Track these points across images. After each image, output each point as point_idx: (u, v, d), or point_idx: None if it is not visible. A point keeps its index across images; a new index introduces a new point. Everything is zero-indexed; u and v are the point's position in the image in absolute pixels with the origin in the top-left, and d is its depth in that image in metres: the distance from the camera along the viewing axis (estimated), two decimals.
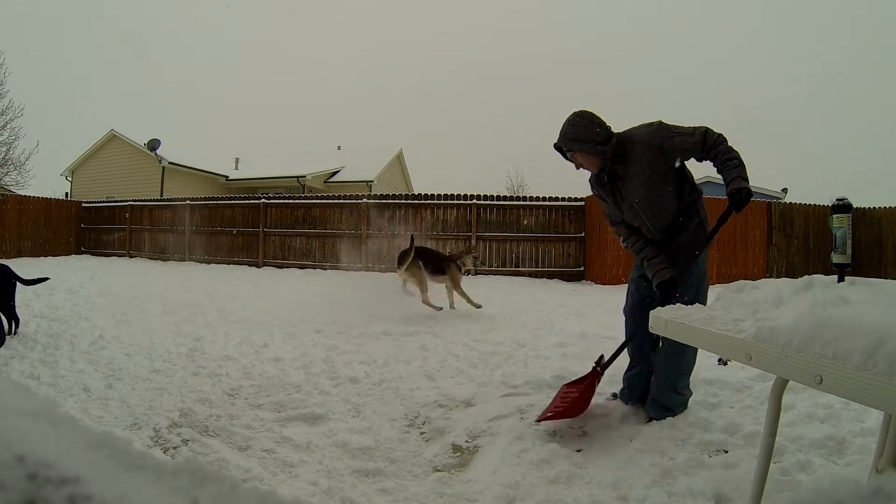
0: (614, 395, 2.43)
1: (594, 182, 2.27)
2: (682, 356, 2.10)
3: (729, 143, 1.97)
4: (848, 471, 1.65)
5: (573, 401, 2.13)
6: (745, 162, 1.95)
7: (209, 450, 1.91)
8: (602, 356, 2.34)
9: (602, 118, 2.13)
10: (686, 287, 2.07)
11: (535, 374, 2.91)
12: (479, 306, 4.83)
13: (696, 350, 2.09)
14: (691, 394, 2.18)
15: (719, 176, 2.03)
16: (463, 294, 4.89)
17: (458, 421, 2.25)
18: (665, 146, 2.01)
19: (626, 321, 2.38)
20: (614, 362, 2.28)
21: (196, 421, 2.19)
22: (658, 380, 2.14)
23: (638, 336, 2.28)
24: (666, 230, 2.14)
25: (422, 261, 4.80)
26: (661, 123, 2.07)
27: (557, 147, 2.16)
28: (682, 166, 2.11)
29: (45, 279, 4.10)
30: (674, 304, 1.98)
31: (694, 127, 2.04)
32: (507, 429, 2.16)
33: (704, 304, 1.98)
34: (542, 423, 2.13)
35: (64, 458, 0.22)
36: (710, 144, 1.97)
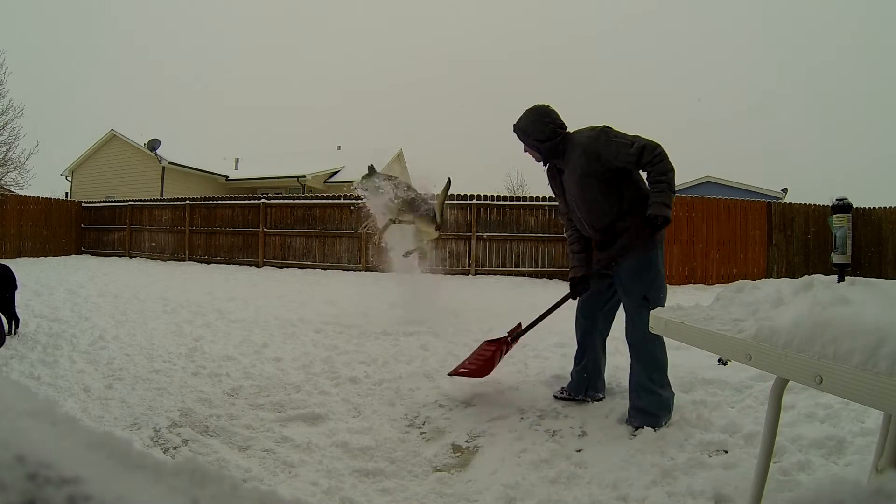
0: (562, 391, 2.45)
1: (547, 172, 2.41)
2: (650, 354, 2.10)
3: (665, 162, 2.02)
4: (848, 471, 1.65)
5: (482, 364, 2.39)
6: (673, 184, 2.03)
7: (209, 450, 1.91)
8: (519, 325, 2.59)
9: (555, 115, 2.26)
10: (638, 284, 2.11)
11: (535, 374, 2.91)
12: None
13: (663, 346, 2.11)
14: (672, 394, 2.14)
15: (719, 176, 2.04)
16: None
17: (458, 421, 2.25)
18: (601, 153, 2.09)
19: (576, 315, 2.46)
20: (528, 332, 2.55)
21: (196, 421, 2.19)
22: (632, 384, 2.13)
23: (586, 329, 2.40)
24: (603, 231, 2.22)
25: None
26: (603, 130, 2.14)
27: (513, 129, 2.33)
28: (625, 171, 2.14)
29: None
30: (576, 297, 2.34)
31: (634, 138, 2.08)
32: (507, 429, 2.16)
33: (661, 304, 2.02)
34: (455, 376, 2.47)
35: (64, 458, 0.22)
36: (644, 161, 2.04)
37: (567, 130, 2.27)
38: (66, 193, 16.75)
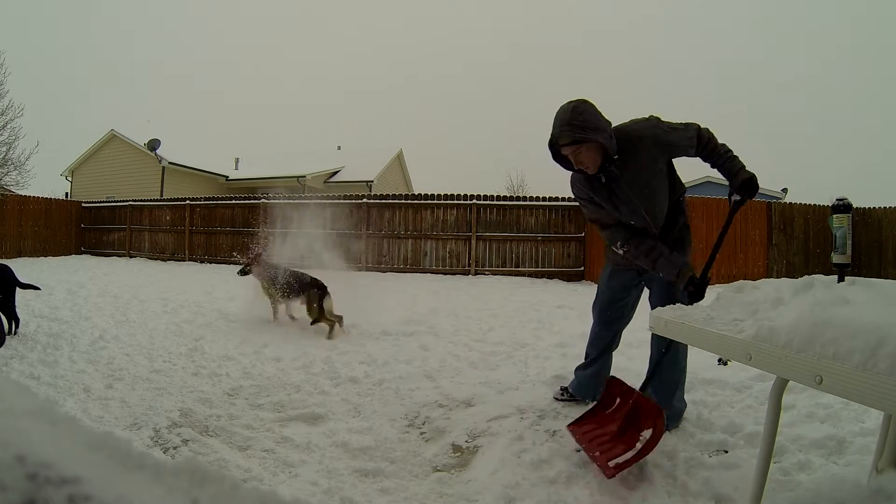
0: (563, 391, 2.41)
1: (582, 184, 2.02)
2: (676, 367, 2.06)
3: (717, 140, 1.98)
4: (848, 471, 1.65)
5: (645, 445, 1.67)
6: (734, 153, 1.96)
7: (209, 450, 1.91)
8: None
9: None
10: (675, 287, 2.01)
11: (535, 374, 2.91)
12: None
13: (685, 361, 2.09)
14: (685, 406, 2.11)
15: (720, 176, 2.00)
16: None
17: (458, 421, 2.25)
18: (667, 141, 1.92)
19: (594, 322, 2.37)
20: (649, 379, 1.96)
21: (196, 421, 2.19)
22: (657, 394, 2.04)
23: (609, 344, 2.33)
24: (662, 228, 2.07)
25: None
26: (657, 118, 1.97)
27: (553, 143, 1.90)
28: (671, 162, 2.08)
29: (36, 288, 3.98)
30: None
31: (685, 123, 1.98)
32: (507, 429, 2.16)
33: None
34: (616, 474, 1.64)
35: (64, 458, 0.22)
36: (704, 141, 1.95)
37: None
38: (66, 193, 16.75)
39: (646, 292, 2.28)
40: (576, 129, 1.78)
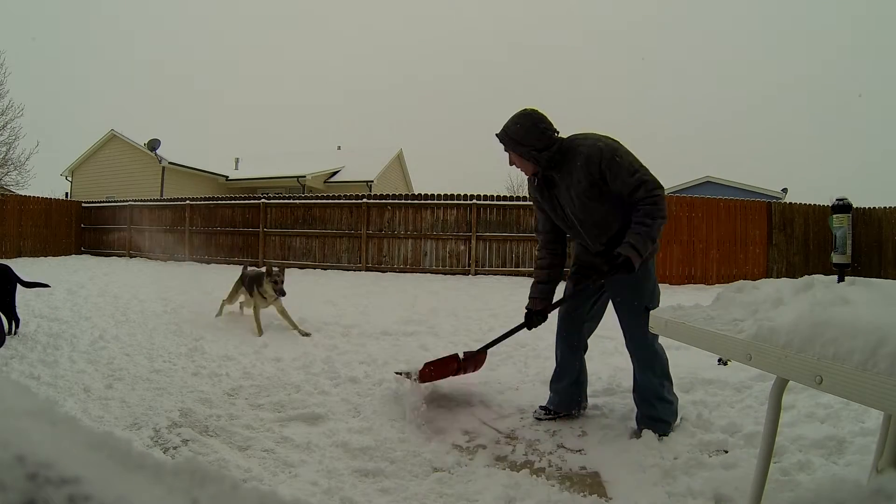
0: (544, 410, 2.27)
1: (531, 185, 2.17)
2: (660, 362, 2.04)
3: (657, 208, 1.86)
4: (848, 471, 1.65)
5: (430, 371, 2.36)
6: (654, 234, 1.85)
7: (209, 450, 1.91)
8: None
9: (549, 122, 2.03)
10: (641, 297, 2.00)
11: (535, 374, 2.91)
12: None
13: (664, 354, 2.06)
14: (677, 399, 2.08)
15: (719, 176, 1.99)
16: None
17: (457, 421, 2.25)
18: (602, 168, 1.91)
19: (560, 330, 2.27)
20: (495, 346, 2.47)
21: (196, 421, 2.19)
22: (642, 393, 2.04)
23: (572, 345, 2.24)
24: (608, 242, 2.03)
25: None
26: (609, 145, 1.94)
27: (499, 138, 2.07)
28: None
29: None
30: (530, 328, 2.24)
31: (639, 168, 1.91)
32: (507, 429, 2.16)
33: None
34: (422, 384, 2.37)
35: (64, 458, 0.22)
36: (638, 197, 1.87)
37: (561, 136, 2.05)
38: (66, 193, 16.75)
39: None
40: (505, 136, 2.04)
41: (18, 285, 3.63)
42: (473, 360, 2.48)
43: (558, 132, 2.05)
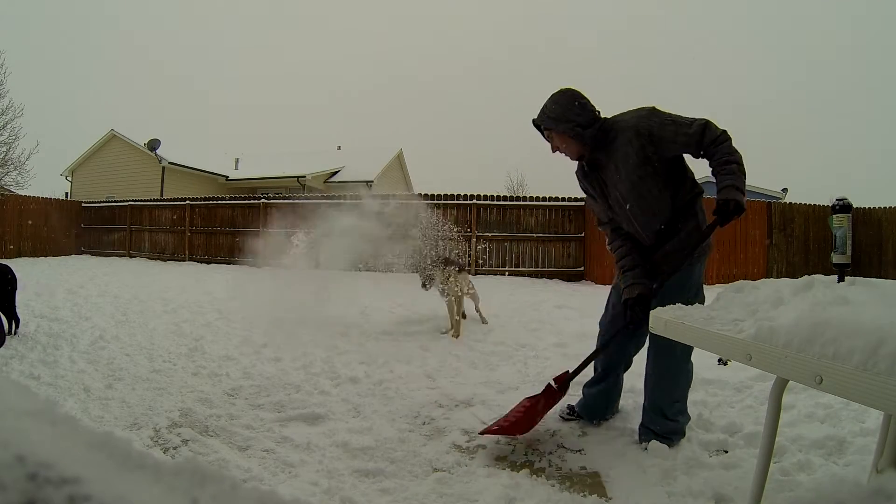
0: (570, 409, 2.21)
1: (579, 173, 2.03)
2: (674, 381, 1.91)
3: (731, 143, 1.71)
4: (848, 471, 1.65)
5: (518, 419, 1.97)
6: (744, 168, 1.69)
7: (209, 450, 1.91)
8: (567, 372, 2.10)
9: (588, 100, 1.88)
10: (678, 299, 1.79)
11: (535, 374, 2.91)
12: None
13: (689, 375, 1.95)
14: (688, 419, 1.97)
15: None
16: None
17: (458, 421, 2.24)
18: (655, 134, 1.75)
19: (599, 333, 2.17)
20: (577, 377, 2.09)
21: (196, 421, 2.19)
22: (648, 406, 1.95)
23: (615, 360, 2.11)
24: (658, 233, 1.89)
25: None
26: (653, 109, 1.81)
27: (536, 124, 1.94)
28: (680, 160, 1.88)
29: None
30: (638, 324, 1.82)
31: (693, 118, 1.76)
32: None
33: None
34: (485, 436, 1.99)
35: (64, 458, 0.22)
36: (708, 141, 1.70)
37: (604, 117, 1.90)
38: (66, 193, 16.74)
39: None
40: (545, 117, 1.88)
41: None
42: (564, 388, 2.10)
43: (600, 112, 1.91)
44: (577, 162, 2.02)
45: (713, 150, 1.71)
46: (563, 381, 2.06)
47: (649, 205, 1.84)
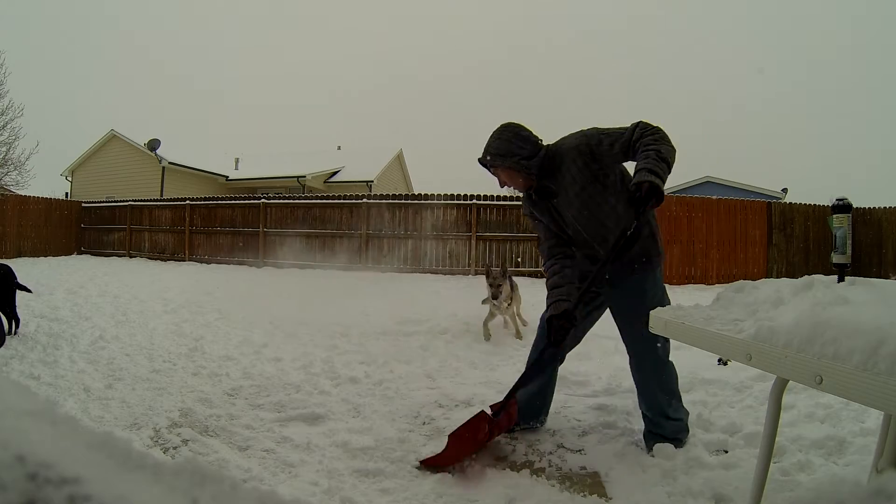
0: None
1: (526, 201, 2.06)
2: (665, 379, 1.92)
3: (660, 134, 1.67)
4: (848, 471, 1.65)
5: (458, 448, 1.82)
6: (665, 156, 1.60)
7: (209, 450, 1.91)
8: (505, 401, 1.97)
9: (530, 131, 1.94)
10: (649, 305, 1.75)
11: None
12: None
13: (675, 370, 1.95)
14: (687, 414, 1.97)
15: (719, 176, 1.93)
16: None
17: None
18: (595, 151, 1.80)
19: (537, 335, 2.14)
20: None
21: (196, 421, 2.19)
22: (647, 413, 1.94)
23: (552, 355, 2.01)
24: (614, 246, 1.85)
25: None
26: (593, 129, 1.85)
27: (481, 162, 1.97)
28: (625, 173, 1.91)
29: (28, 290, 3.99)
30: (559, 342, 1.81)
31: (625, 127, 1.77)
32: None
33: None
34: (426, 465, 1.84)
35: (64, 458, 0.22)
36: (636, 138, 1.69)
37: (546, 144, 1.97)
38: (66, 193, 16.74)
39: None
40: (490, 154, 1.91)
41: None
42: (506, 414, 1.98)
43: (542, 140, 1.96)
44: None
45: (638, 145, 1.69)
46: (499, 409, 1.95)
47: (602, 221, 1.87)
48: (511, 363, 3.18)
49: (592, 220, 1.88)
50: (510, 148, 1.88)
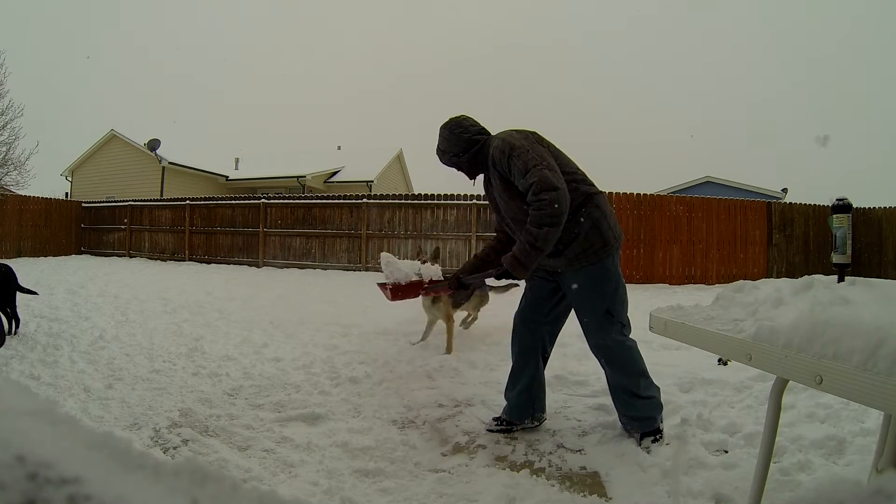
0: (496, 420, 2.15)
1: (483, 183, 2.18)
2: (631, 361, 1.94)
3: (544, 212, 1.73)
4: (848, 471, 1.65)
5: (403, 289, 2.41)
6: (534, 243, 1.75)
7: (209, 450, 1.91)
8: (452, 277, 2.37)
9: (469, 123, 2.05)
10: (598, 299, 1.91)
11: None
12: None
13: (636, 349, 1.95)
14: (658, 389, 1.98)
15: (719, 176, 1.95)
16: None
17: (458, 421, 2.25)
18: (502, 170, 1.90)
19: (516, 325, 2.16)
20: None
21: (196, 421, 2.19)
22: (615, 395, 1.97)
23: (529, 345, 2.11)
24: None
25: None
26: (507, 142, 1.87)
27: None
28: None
29: (35, 293, 4.06)
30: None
31: (534, 166, 1.78)
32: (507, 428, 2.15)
33: (625, 313, 1.94)
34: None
35: (64, 458, 0.22)
36: (529, 201, 1.79)
37: (488, 136, 2.05)
38: (66, 193, 16.74)
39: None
40: (437, 153, 2.14)
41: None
42: (441, 287, 2.54)
43: (485, 132, 2.07)
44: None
45: (530, 213, 1.80)
46: (436, 283, 2.51)
47: (522, 219, 1.88)
48: (511, 363, 3.17)
49: (515, 216, 1.95)
50: (446, 146, 2.08)
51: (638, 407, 1.93)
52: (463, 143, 2.03)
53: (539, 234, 1.75)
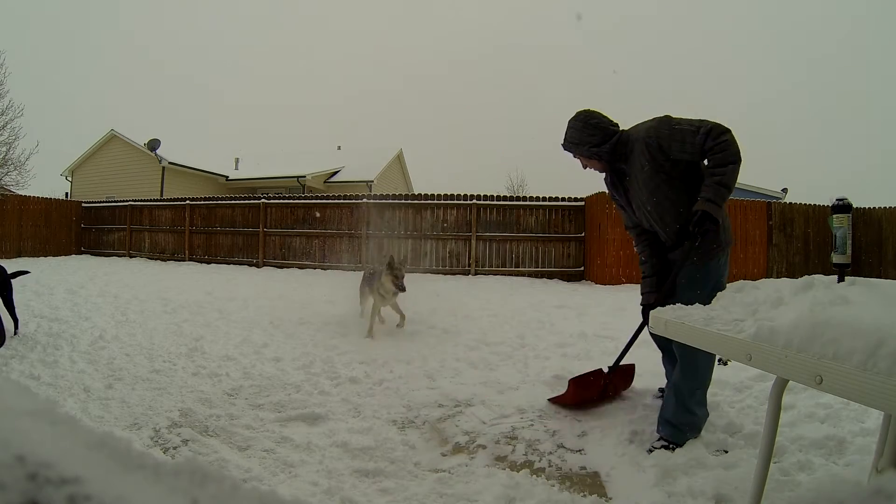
0: (661, 391, 2.34)
1: (607, 182, 2.20)
2: (700, 370, 1.92)
3: (728, 152, 1.76)
4: (848, 471, 1.65)
5: (577, 388, 2.28)
6: (729, 180, 1.75)
7: (209, 450, 1.91)
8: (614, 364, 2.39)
9: (601, 116, 2.07)
10: (693, 295, 1.83)
11: (535, 374, 2.91)
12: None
13: (709, 362, 1.94)
14: (707, 414, 1.96)
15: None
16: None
17: (458, 421, 2.25)
18: (663, 143, 1.86)
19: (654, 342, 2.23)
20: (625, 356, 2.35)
21: (196, 421, 2.19)
22: (670, 396, 1.96)
23: (665, 352, 2.20)
24: (678, 234, 1.98)
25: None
26: (664, 118, 1.91)
27: (565, 148, 2.15)
28: (695, 163, 1.93)
29: (26, 272, 4.10)
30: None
31: (700, 123, 1.82)
32: (507, 429, 2.16)
33: None
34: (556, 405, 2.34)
35: (64, 458, 0.22)
36: (707, 147, 1.78)
37: (621, 129, 2.08)
38: (66, 193, 16.75)
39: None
40: (566, 143, 2.13)
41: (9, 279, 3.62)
42: (623, 374, 2.47)
43: (617, 125, 2.08)
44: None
45: (710, 157, 1.81)
46: (611, 366, 2.39)
47: (667, 210, 1.96)
48: (511, 363, 3.18)
49: (658, 208, 1.98)
50: (581, 136, 2.06)
51: (679, 417, 1.90)
52: (600, 132, 2.04)
53: (727, 170, 1.76)
